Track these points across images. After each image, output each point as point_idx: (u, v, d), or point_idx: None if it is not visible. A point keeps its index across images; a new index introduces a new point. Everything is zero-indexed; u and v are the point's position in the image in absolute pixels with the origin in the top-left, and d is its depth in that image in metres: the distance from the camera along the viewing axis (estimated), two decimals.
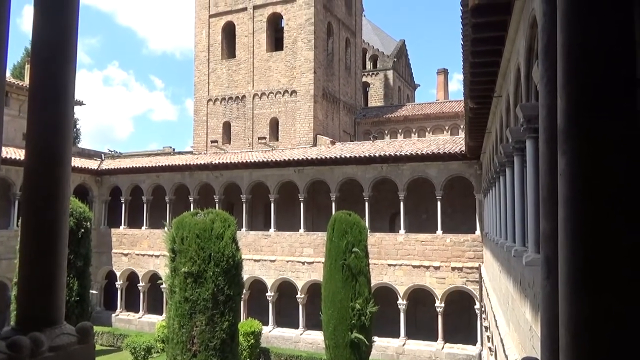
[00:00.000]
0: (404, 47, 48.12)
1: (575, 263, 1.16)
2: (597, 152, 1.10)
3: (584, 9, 1.09)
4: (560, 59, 1.13)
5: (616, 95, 1.11)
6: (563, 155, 1.15)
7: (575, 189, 1.12)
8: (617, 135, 1.11)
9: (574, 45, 1.10)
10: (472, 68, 9.88)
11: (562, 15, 1.13)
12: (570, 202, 1.13)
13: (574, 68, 1.10)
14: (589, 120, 1.10)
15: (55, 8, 2.58)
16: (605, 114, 1.11)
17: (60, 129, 2.67)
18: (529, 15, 6.41)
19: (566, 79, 1.12)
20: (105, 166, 30.98)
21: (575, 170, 1.12)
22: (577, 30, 1.10)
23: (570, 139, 1.14)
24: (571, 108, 1.13)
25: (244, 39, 32.54)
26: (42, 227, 2.50)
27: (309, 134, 30.43)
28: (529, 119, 6.49)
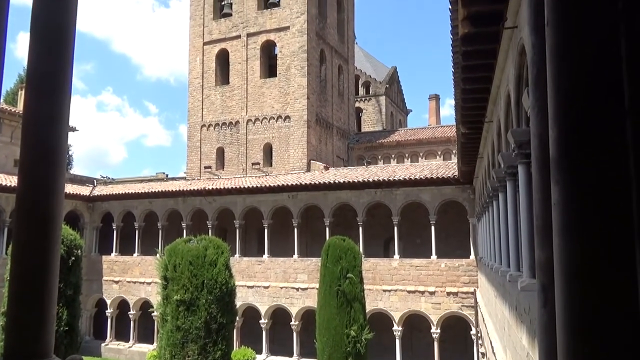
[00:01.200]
0: (396, 73, 48.85)
1: (571, 294, 1.16)
2: (590, 183, 1.11)
3: (573, 42, 1.12)
4: (551, 90, 1.15)
5: (606, 127, 1.12)
6: (556, 185, 1.16)
7: (569, 219, 1.13)
8: (608, 166, 1.12)
9: (564, 78, 1.12)
10: (463, 94, 10.03)
11: (551, 49, 1.15)
12: (565, 232, 1.13)
13: (564, 100, 1.13)
14: (580, 151, 1.12)
15: (52, 36, 2.61)
16: (596, 145, 1.13)
17: (54, 158, 2.67)
18: (517, 44, 6.55)
19: (557, 111, 1.14)
20: (97, 192, 30.80)
21: (569, 200, 1.12)
22: (567, 63, 1.12)
23: (563, 169, 1.15)
24: (562, 139, 1.15)
25: (237, 66, 32.91)
26: (34, 256, 2.47)
27: (303, 160, 30.53)
28: (520, 144, 6.57)
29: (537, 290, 1.65)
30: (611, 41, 1.16)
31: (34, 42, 2.62)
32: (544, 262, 1.56)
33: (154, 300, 22.78)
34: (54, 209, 2.66)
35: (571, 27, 1.12)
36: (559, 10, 1.14)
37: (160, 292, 14.24)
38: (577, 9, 1.13)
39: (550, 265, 1.44)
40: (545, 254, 1.56)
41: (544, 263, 1.58)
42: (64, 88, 2.65)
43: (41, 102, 2.65)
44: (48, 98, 2.62)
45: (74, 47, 2.70)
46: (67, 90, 2.68)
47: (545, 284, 1.57)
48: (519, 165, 6.85)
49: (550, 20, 1.16)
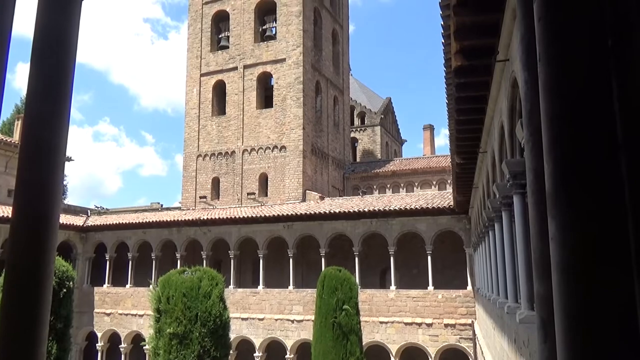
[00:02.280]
0: (391, 104, 49.49)
1: (572, 330, 1.14)
2: (587, 217, 1.11)
3: (565, 79, 1.14)
4: (545, 126, 1.16)
5: (601, 162, 1.13)
6: (553, 220, 1.16)
7: (567, 254, 1.12)
8: (604, 200, 1.12)
9: (557, 113, 1.14)
10: (457, 125, 10.14)
11: (544, 85, 1.17)
12: (564, 268, 1.13)
13: (558, 135, 1.14)
14: (576, 186, 1.12)
15: (51, 65, 2.62)
16: (592, 179, 1.13)
17: (50, 189, 2.65)
18: (509, 76, 6.67)
19: (551, 146, 1.15)
20: (90, 222, 30.57)
21: (566, 235, 1.12)
22: (559, 100, 1.14)
23: (559, 203, 1.15)
24: (558, 173, 1.15)
25: (234, 97, 33.26)
26: (25, 290, 2.42)
27: (298, 190, 30.54)
28: (514, 174, 6.61)
29: (537, 326, 1.63)
30: (602, 77, 1.18)
31: (33, 71, 2.63)
32: (543, 297, 1.55)
33: (146, 334, 22.31)
34: (48, 241, 2.63)
35: (563, 63, 1.15)
36: (550, 47, 1.17)
37: (153, 324, 13.97)
38: (569, 46, 1.15)
39: (549, 300, 1.43)
40: (544, 289, 1.55)
41: (543, 298, 1.56)
42: (62, 119, 2.65)
43: (38, 132, 2.66)
44: (46, 128, 2.62)
45: (73, 78, 2.72)
46: (65, 121, 2.68)
47: (545, 319, 1.55)
48: (514, 195, 6.88)
49: (542, 57, 1.18)
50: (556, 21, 1.14)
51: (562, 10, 1.13)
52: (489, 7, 6.18)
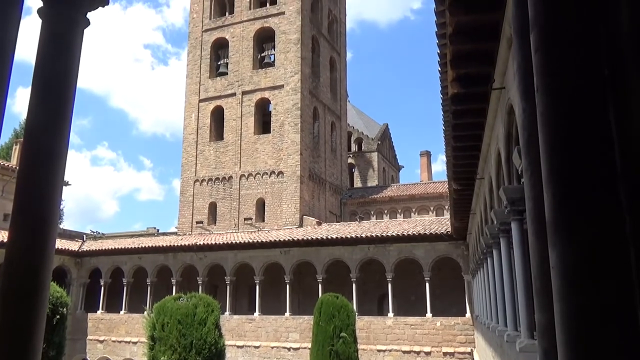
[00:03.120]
0: (388, 130, 49.84)
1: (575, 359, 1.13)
2: (587, 246, 1.11)
3: (563, 108, 1.15)
4: (543, 155, 1.17)
5: (600, 191, 1.14)
6: (554, 249, 1.16)
7: (569, 283, 1.12)
8: (604, 229, 1.12)
9: (556, 143, 1.14)
10: (454, 151, 10.20)
11: (542, 115, 1.19)
12: (565, 296, 1.12)
13: (557, 165, 1.14)
14: (576, 215, 1.12)
15: (52, 93, 2.64)
16: (591, 208, 1.14)
17: (47, 213, 2.64)
18: (505, 104, 6.75)
19: (551, 176, 1.15)
20: (86, 247, 30.31)
21: (567, 264, 1.12)
22: (558, 129, 1.15)
23: (559, 233, 1.15)
24: (557, 203, 1.16)
25: (232, 122, 33.46)
26: (20, 316, 2.38)
27: (296, 215, 30.44)
28: (512, 201, 6.61)
29: (539, 356, 1.60)
30: (600, 107, 1.20)
31: (34, 98, 2.65)
32: (545, 326, 1.53)
33: None
34: (44, 267, 2.61)
35: (561, 94, 1.16)
36: (548, 78, 1.18)
37: (147, 352, 13.71)
38: (566, 77, 1.17)
39: (551, 329, 1.42)
40: (546, 318, 1.53)
41: (544, 327, 1.54)
42: (61, 145, 2.66)
43: (37, 158, 2.66)
44: (45, 154, 2.63)
45: (73, 105, 2.74)
46: (65, 148, 2.69)
47: (546, 349, 1.53)
48: (512, 222, 6.86)
49: (540, 87, 1.20)
50: (553, 53, 1.16)
51: (558, 42, 1.16)
52: (484, 36, 6.29)
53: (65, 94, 2.50)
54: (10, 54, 2.30)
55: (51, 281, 9.72)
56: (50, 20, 2.39)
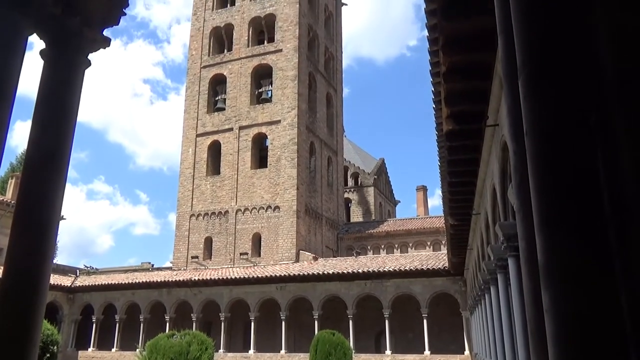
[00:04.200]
0: (384, 165, 50.13)
1: None
2: (580, 290, 1.12)
3: (551, 151, 1.18)
4: (534, 200, 1.19)
5: (590, 233, 1.15)
6: (546, 291, 1.16)
7: (562, 327, 1.12)
8: (596, 273, 1.13)
9: (545, 185, 1.17)
10: (450, 187, 10.24)
11: (531, 157, 1.21)
12: (559, 341, 1.12)
13: (547, 209, 1.16)
14: (568, 258, 1.14)
15: (52, 130, 2.67)
16: (582, 251, 1.15)
17: (42, 249, 2.63)
18: (499, 140, 6.83)
19: (541, 219, 1.17)
20: (79, 283, 29.87)
21: (559, 308, 1.12)
22: (547, 173, 1.17)
23: (552, 276, 1.16)
24: (549, 246, 1.17)
25: (229, 157, 33.62)
26: (10, 354, 2.34)
27: (292, 250, 30.23)
28: (508, 237, 6.61)
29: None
30: (588, 152, 1.23)
31: (34, 133, 2.68)
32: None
33: None
34: (36, 305, 2.58)
35: (549, 138, 1.19)
36: (536, 123, 1.22)
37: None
38: (554, 122, 1.20)
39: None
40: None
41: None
42: (58, 180, 2.68)
43: (35, 192, 2.66)
44: (42, 189, 2.64)
45: (72, 141, 2.77)
46: (62, 183, 2.71)
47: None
48: (508, 258, 6.84)
49: (529, 132, 1.23)
50: (541, 99, 1.20)
51: (546, 88, 1.19)
52: (477, 75, 6.43)
53: (65, 132, 2.54)
54: (13, 92, 2.34)
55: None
56: (52, 61, 2.45)
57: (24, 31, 2.17)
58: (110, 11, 2.46)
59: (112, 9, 2.46)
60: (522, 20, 1.26)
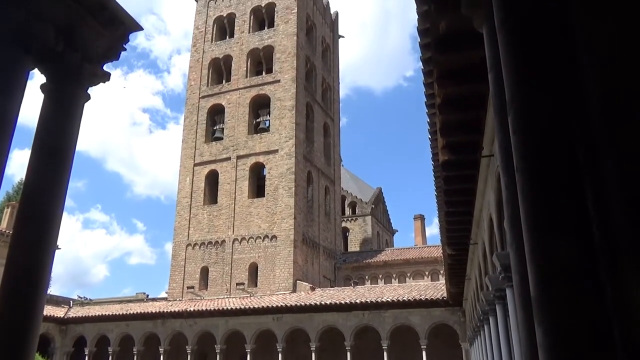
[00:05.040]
0: (381, 194, 50.19)
1: None
2: (572, 327, 1.12)
3: (540, 190, 1.21)
4: (525, 235, 1.21)
5: (581, 270, 1.16)
6: (539, 326, 1.16)
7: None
8: (587, 308, 1.14)
9: (534, 224, 1.18)
10: (447, 217, 10.24)
11: (521, 194, 1.24)
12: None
13: (537, 245, 1.18)
14: (559, 295, 1.14)
15: (51, 160, 2.69)
16: (573, 287, 1.16)
17: (37, 281, 2.61)
18: (494, 171, 6.88)
19: (532, 254, 1.18)
20: (72, 314, 29.38)
21: (552, 343, 1.12)
22: (536, 208, 1.19)
23: (544, 311, 1.17)
24: (540, 281, 1.18)
25: (226, 186, 33.64)
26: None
27: (289, 280, 29.93)
28: (505, 267, 6.58)
29: None
30: (576, 189, 1.25)
31: (33, 164, 2.69)
32: None
33: None
34: (29, 336, 2.54)
35: (537, 175, 1.22)
36: (525, 160, 1.24)
37: None
38: (542, 159, 1.23)
39: None
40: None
41: None
42: (56, 211, 2.68)
43: (32, 222, 2.67)
44: (39, 219, 2.64)
45: (70, 172, 2.78)
46: (59, 213, 2.71)
47: None
48: (506, 288, 6.79)
49: (519, 168, 1.26)
50: (529, 138, 1.23)
51: (533, 127, 1.23)
52: (471, 106, 6.52)
53: (63, 164, 2.56)
54: (12, 127, 2.38)
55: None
56: (52, 95, 2.49)
57: (26, 67, 2.22)
58: (111, 46, 2.52)
59: (113, 44, 2.52)
60: (509, 59, 1.31)
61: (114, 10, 2.39)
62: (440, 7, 4.23)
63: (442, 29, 4.70)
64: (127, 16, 2.45)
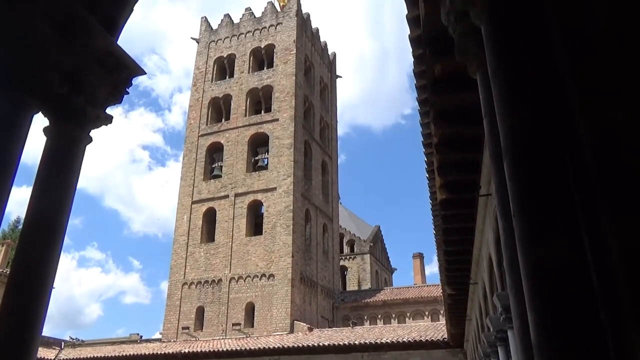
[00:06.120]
0: (380, 232, 49.97)
1: None
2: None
3: (536, 236, 1.22)
4: (524, 279, 1.21)
5: (581, 315, 1.16)
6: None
7: None
8: (588, 353, 1.13)
9: (533, 269, 1.19)
10: (446, 255, 10.18)
11: (519, 240, 1.25)
12: None
13: (536, 290, 1.18)
14: (559, 339, 1.14)
15: (50, 204, 2.70)
16: (574, 331, 1.15)
17: (31, 322, 2.57)
18: (492, 210, 6.90)
19: (531, 299, 1.18)
20: (63, 356, 28.64)
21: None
22: (533, 256, 1.20)
23: (545, 354, 1.16)
24: (540, 325, 1.17)
25: (224, 224, 33.49)
26: None
27: (286, 320, 29.37)
28: (506, 308, 6.49)
29: None
30: (573, 231, 1.26)
31: (33, 203, 2.70)
32: None
33: None
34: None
35: (534, 221, 1.23)
36: (522, 205, 1.26)
37: None
38: (537, 203, 1.25)
39: None
40: None
41: None
42: (54, 250, 2.67)
43: (29, 261, 2.65)
44: (37, 258, 2.62)
45: (69, 214, 2.78)
46: (57, 253, 2.70)
47: None
48: (508, 330, 6.69)
49: (516, 213, 1.27)
50: (524, 183, 1.25)
51: (529, 172, 1.25)
52: (468, 146, 6.60)
53: (63, 205, 2.57)
54: (15, 167, 2.40)
55: None
56: (55, 138, 2.53)
57: (30, 110, 2.26)
58: (114, 90, 2.58)
59: (116, 88, 2.58)
60: (503, 109, 1.34)
61: (119, 56, 2.46)
62: (435, 51, 4.35)
63: (437, 71, 4.82)
64: (131, 61, 2.52)
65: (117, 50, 2.44)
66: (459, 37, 2.16)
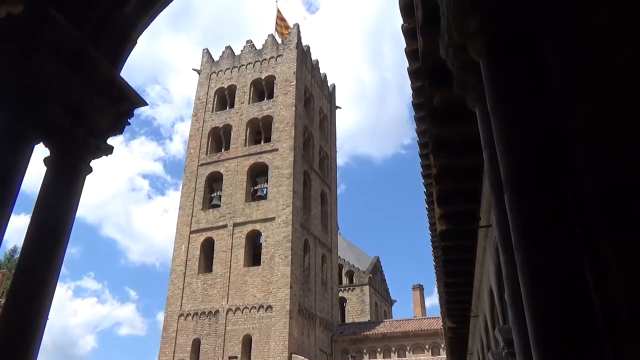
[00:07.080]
0: (379, 263, 49.57)
1: None
2: None
3: (540, 270, 1.21)
4: (528, 314, 1.19)
5: (587, 351, 1.14)
6: None
7: None
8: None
9: (537, 304, 1.17)
10: (446, 287, 10.06)
11: (521, 273, 1.23)
12: None
13: (541, 324, 1.16)
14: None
15: (48, 235, 2.68)
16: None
17: (24, 358, 2.52)
18: (493, 241, 6.85)
19: (536, 334, 1.16)
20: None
21: None
22: (537, 290, 1.19)
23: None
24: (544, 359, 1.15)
25: (222, 254, 33.24)
26: None
27: (284, 353, 28.81)
28: (509, 342, 6.36)
29: None
30: (576, 263, 1.25)
31: (31, 232, 2.68)
32: None
33: None
34: None
35: (536, 254, 1.22)
36: (523, 239, 1.25)
37: None
38: (539, 236, 1.24)
39: None
40: None
41: None
42: (50, 280, 2.64)
43: (25, 291, 2.61)
44: (33, 288, 2.59)
45: (67, 244, 2.76)
46: (53, 283, 2.67)
47: None
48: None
49: (517, 246, 1.26)
50: (525, 214, 1.25)
51: (530, 203, 1.25)
52: (467, 177, 6.61)
53: (61, 236, 2.55)
54: (14, 196, 2.39)
55: None
56: (55, 168, 2.53)
57: (31, 141, 2.27)
58: (115, 121, 2.60)
59: (118, 119, 2.61)
60: (502, 143, 1.35)
61: (121, 88, 2.49)
62: (433, 83, 4.40)
63: (436, 102, 4.86)
64: (132, 93, 2.55)
65: (120, 82, 2.47)
66: (457, 71, 2.19)
